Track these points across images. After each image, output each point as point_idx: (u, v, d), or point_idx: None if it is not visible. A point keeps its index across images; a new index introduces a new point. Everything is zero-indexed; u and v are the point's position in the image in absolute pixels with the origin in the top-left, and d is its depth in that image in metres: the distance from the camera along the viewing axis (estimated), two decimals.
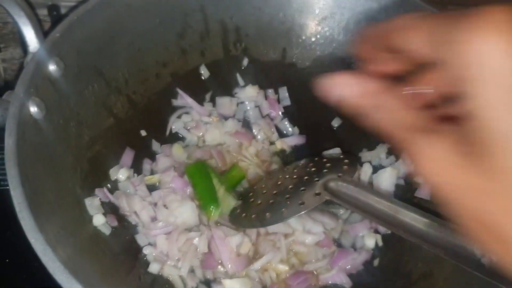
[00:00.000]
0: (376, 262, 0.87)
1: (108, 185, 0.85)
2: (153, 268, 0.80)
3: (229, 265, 0.81)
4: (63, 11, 1.00)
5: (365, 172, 0.91)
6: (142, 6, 0.87)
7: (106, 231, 0.78)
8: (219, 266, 0.83)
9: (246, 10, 0.98)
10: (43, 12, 1.00)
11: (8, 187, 0.58)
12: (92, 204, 0.77)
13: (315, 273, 0.85)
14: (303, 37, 1.01)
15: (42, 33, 0.76)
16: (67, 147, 0.75)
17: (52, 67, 0.72)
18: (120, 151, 0.87)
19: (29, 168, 0.63)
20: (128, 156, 0.89)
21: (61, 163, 0.72)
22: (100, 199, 0.80)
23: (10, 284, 0.85)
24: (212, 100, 1.02)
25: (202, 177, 0.85)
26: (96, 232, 0.75)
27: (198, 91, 1.01)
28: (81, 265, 0.63)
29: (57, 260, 0.55)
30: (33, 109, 0.67)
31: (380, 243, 0.89)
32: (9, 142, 0.61)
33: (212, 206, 0.82)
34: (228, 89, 1.03)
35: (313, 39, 1.01)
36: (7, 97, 0.67)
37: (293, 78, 1.03)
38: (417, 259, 0.82)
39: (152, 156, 0.93)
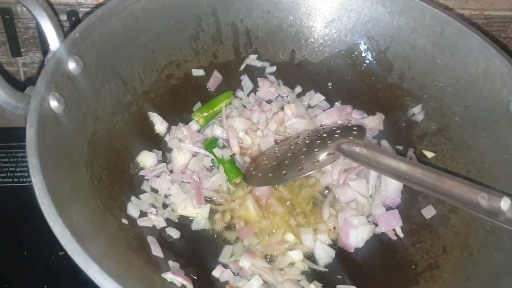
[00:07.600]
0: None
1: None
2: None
3: None
4: (81, 16, 1.04)
5: None
6: (157, 9, 0.91)
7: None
8: None
9: (256, 13, 1.01)
10: (62, 18, 1.04)
11: (27, 183, 0.59)
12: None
13: None
14: (311, 39, 1.05)
15: (63, 33, 0.80)
16: (84, 141, 0.78)
17: (71, 65, 0.75)
18: (134, 147, 0.90)
19: (49, 159, 0.66)
20: None
21: (78, 156, 0.75)
22: None
23: (28, 276, 0.88)
24: None
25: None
26: (113, 222, 0.78)
27: None
28: (99, 251, 0.65)
29: (75, 242, 0.57)
30: (53, 103, 0.70)
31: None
32: (30, 133, 0.64)
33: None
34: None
35: (321, 41, 1.04)
36: (29, 92, 0.70)
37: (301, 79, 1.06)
38: (423, 251, 0.83)
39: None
